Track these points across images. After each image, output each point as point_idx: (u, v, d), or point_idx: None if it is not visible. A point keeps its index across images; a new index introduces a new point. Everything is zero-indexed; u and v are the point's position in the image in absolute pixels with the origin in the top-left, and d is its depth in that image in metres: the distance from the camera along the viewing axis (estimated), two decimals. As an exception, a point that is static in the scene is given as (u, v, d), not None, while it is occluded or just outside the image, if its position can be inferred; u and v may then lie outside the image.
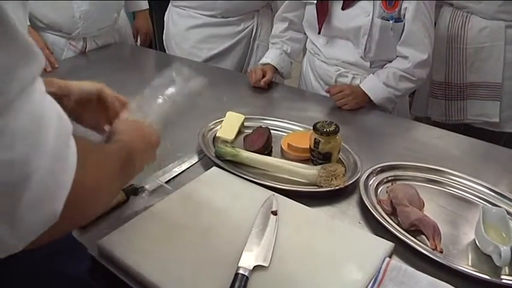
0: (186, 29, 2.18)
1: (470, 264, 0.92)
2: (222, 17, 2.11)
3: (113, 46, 2.23)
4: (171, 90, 0.98)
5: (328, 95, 1.64)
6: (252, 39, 2.20)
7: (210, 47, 2.16)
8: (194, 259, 0.86)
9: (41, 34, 1.95)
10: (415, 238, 0.96)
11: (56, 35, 2.00)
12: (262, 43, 2.19)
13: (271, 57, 1.84)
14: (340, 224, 0.99)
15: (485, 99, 1.92)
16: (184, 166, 1.20)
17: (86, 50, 2.12)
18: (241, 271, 0.81)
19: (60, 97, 0.87)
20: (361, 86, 1.63)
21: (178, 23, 2.20)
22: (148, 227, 0.94)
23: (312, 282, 0.82)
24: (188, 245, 0.89)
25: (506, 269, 0.90)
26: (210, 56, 2.17)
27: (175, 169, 1.18)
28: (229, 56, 2.19)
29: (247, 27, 2.16)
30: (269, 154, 1.27)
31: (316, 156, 1.20)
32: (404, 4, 1.53)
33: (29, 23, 1.70)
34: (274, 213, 0.98)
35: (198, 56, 2.16)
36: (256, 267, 0.83)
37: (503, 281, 0.86)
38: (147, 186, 1.09)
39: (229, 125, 1.38)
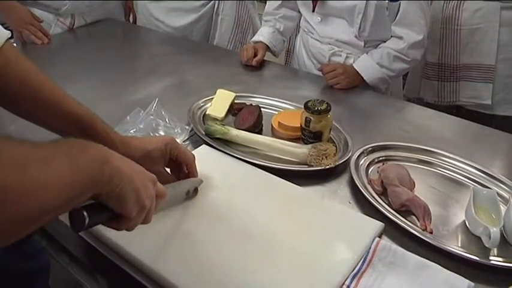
0: (149, 2, 2.18)
1: (459, 245, 0.91)
2: None
3: (101, 23, 2.18)
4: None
5: (321, 74, 1.63)
6: (214, 14, 2.16)
7: (174, 20, 2.15)
8: (182, 236, 0.85)
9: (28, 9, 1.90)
10: (405, 218, 0.95)
11: (44, 10, 1.96)
12: (227, 17, 2.16)
13: (263, 35, 1.81)
14: (330, 203, 0.98)
15: (478, 81, 1.91)
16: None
17: (74, 27, 2.08)
18: None
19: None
20: (354, 65, 1.61)
21: None
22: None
23: (302, 262, 0.81)
24: (176, 224, 0.87)
25: (495, 251, 0.90)
26: (174, 29, 2.17)
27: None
28: (193, 30, 2.17)
29: (209, 2, 2.13)
30: (259, 132, 1.25)
31: (307, 135, 1.18)
32: None
33: None
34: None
35: (163, 29, 2.17)
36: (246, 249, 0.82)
37: (492, 262, 0.86)
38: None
39: (219, 103, 1.35)
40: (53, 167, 0.53)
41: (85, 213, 0.61)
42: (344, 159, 1.12)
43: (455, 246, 0.90)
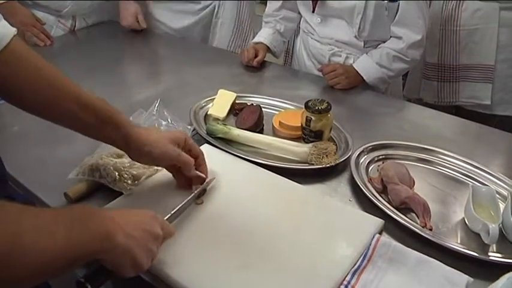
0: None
1: (459, 241, 0.92)
2: None
3: (102, 25, 2.20)
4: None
5: (321, 74, 1.64)
6: (214, 18, 2.18)
7: (174, 22, 2.16)
8: (184, 234, 0.86)
9: (30, 11, 1.91)
10: (405, 216, 0.96)
11: (45, 12, 1.97)
12: (226, 21, 2.17)
13: (264, 36, 1.82)
14: (330, 201, 0.99)
15: (478, 81, 1.91)
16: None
17: (75, 29, 2.09)
18: None
19: None
20: (354, 65, 1.62)
21: None
22: (138, 204, 0.93)
23: (302, 259, 0.82)
24: (178, 221, 0.88)
25: (494, 247, 0.91)
26: (175, 30, 2.18)
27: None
28: (193, 32, 2.18)
29: (208, 5, 2.14)
30: (260, 132, 1.26)
31: (308, 134, 1.19)
32: None
33: None
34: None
35: (164, 31, 2.18)
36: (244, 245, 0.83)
37: (490, 258, 0.87)
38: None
39: (221, 103, 1.36)
40: (48, 237, 0.55)
41: (89, 286, 0.66)
42: (344, 158, 1.13)
43: (455, 243, 0.91)
